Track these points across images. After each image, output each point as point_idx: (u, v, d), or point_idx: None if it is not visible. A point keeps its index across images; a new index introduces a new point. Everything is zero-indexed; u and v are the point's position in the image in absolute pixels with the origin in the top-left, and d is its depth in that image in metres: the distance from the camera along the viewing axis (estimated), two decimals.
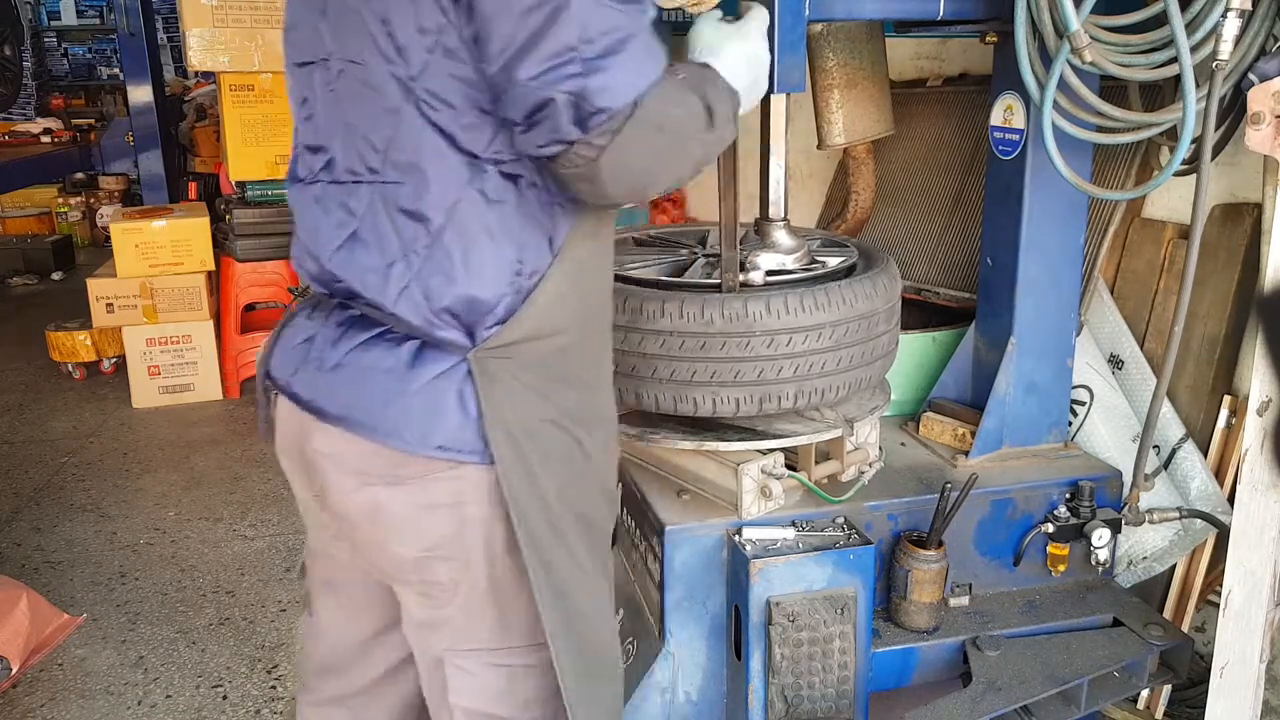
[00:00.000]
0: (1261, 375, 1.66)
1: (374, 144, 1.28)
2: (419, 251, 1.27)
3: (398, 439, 1.29)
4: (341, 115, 1.31)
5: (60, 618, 2.96)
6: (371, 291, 1.30)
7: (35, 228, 8.36)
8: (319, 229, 1.35)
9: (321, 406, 1.34)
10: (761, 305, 1.79)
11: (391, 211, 1.28)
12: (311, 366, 1.36)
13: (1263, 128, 1.62)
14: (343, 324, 1.35)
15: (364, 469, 1.33)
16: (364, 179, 1.30)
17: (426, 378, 1.29)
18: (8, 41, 7.09)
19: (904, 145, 2.99)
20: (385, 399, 1.30)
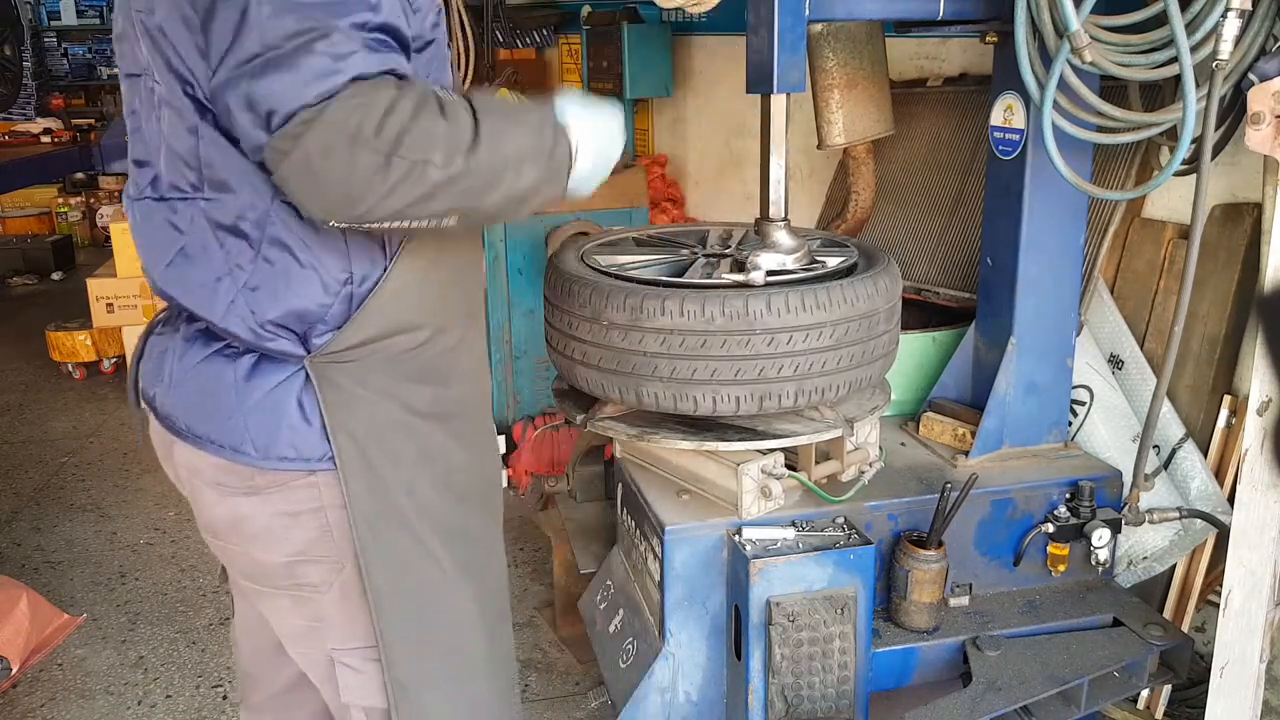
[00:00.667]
0: (1261, 375, 1.66)
1: (187, 160, 1.27)
2: (243, 266, 1.27)
3: (242, 454, 1.31)
4: (160, 131, 1.29)
5: (60, 618, 2.96)
6: (201, 308, 1.30)
7: (35, 228, 8.35)
8: (150, 245, 1.34)
9: (174, 423, 1.35)
10: (762, 303, 1.79)
11: (213, 227, 1.27)
12: (165, 382, 1.37)
13: (1263, 128, 1.62)
14: (189, 339, 1.35)
15: (222, 481, 1.34)
16: (187, 195, 1.29)
17: (265, 389, 1.30)
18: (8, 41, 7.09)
19: (904, 145, 2.99)
20: (227, 413, 1.31)
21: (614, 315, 1.85)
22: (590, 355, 1.93)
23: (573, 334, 1.95)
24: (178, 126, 1.26)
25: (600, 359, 1.91)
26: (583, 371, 1.96)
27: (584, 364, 1.95)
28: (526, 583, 3.20)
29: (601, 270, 2.03)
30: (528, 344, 3.85)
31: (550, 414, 3.81)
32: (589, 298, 1.89)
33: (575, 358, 1.96)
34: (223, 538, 1.41)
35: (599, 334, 1.89)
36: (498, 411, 3.93)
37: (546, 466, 3.67)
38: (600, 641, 2.27)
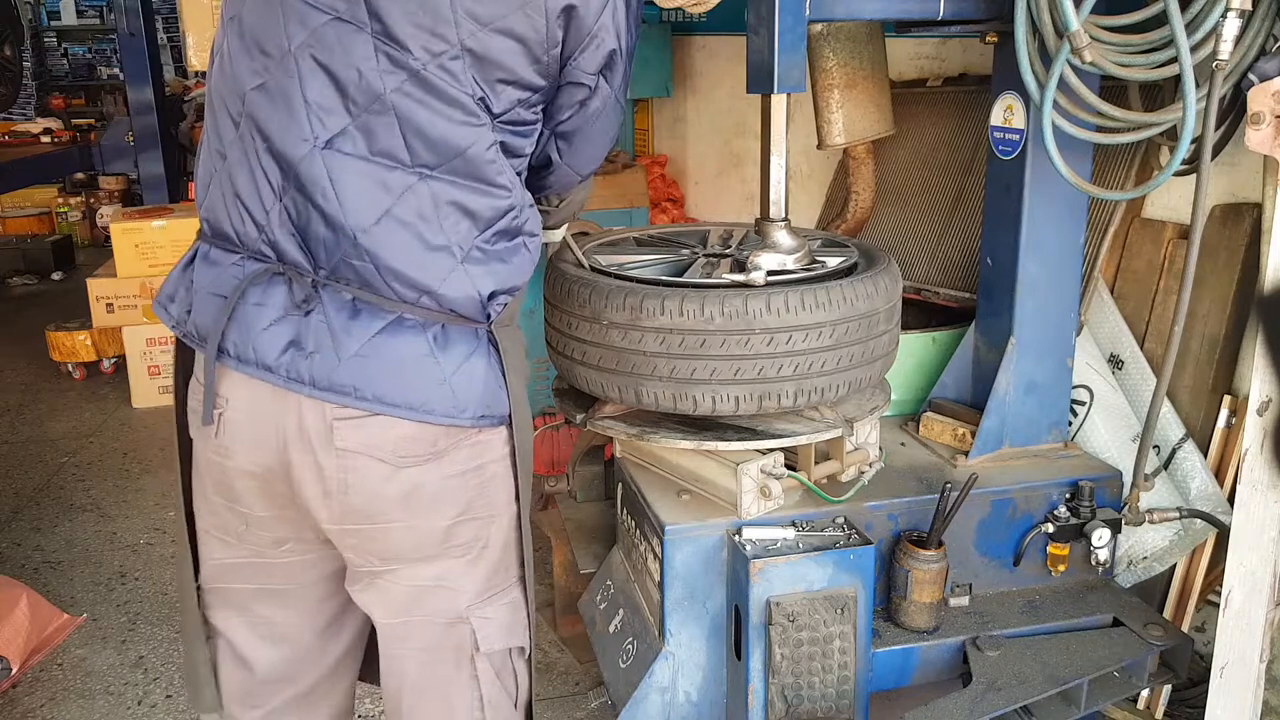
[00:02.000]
0: (1261, 375, 1.66)
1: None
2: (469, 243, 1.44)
3: (445, 416, 1.40)
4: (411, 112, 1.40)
5: (60, 618, 2.96)
6: (416, 271, 1.38)
7: (35, 228, 8.35)
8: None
9: (359, 394, 1.36)
10: (762, 303, 1.79)
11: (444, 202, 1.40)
12: (318, 355, 1.36)
13: (1263, 128, 1.62)
14: (344, 309, 1.37)
15: (405, 452, 1.40)
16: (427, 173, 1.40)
17: (464, 355, 1.41)
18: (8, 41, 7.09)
19: (904, 145, 2.99)
20: (436, 379, 1.39)
21: (613, 315, 1.85)
22: (590, 355, 1.93)
23: (572, 334, 1.95)
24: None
25: (600, 359, 1.91)
26: (582, 371, 1.97)
27: (584, 364, 1.95)
28: None
29: (601, 270, 2.03)
30: (528, 344, 3.84)
31: (550, 414, 3.80)
32: (588, 298, 1.89)
33: (575, 358, 1.97)
34: (380, 518, 1.43)
35: (599, 334, 1.89)
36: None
37: (546, 466, 3.67)
38: (600, 641, 2.27)
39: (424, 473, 1.42)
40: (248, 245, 1.42)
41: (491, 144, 1.40)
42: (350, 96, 1.35)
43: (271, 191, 1.38)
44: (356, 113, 1.36)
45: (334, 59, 1.35)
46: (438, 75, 1.35)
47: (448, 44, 1.35)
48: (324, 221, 1.37)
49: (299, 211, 1.38)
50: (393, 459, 1.40)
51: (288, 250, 1.39)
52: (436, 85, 1.35)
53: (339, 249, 1.37)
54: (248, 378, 1.38)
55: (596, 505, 2.62)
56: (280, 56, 1.37)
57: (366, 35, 1.34)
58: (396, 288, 1.38)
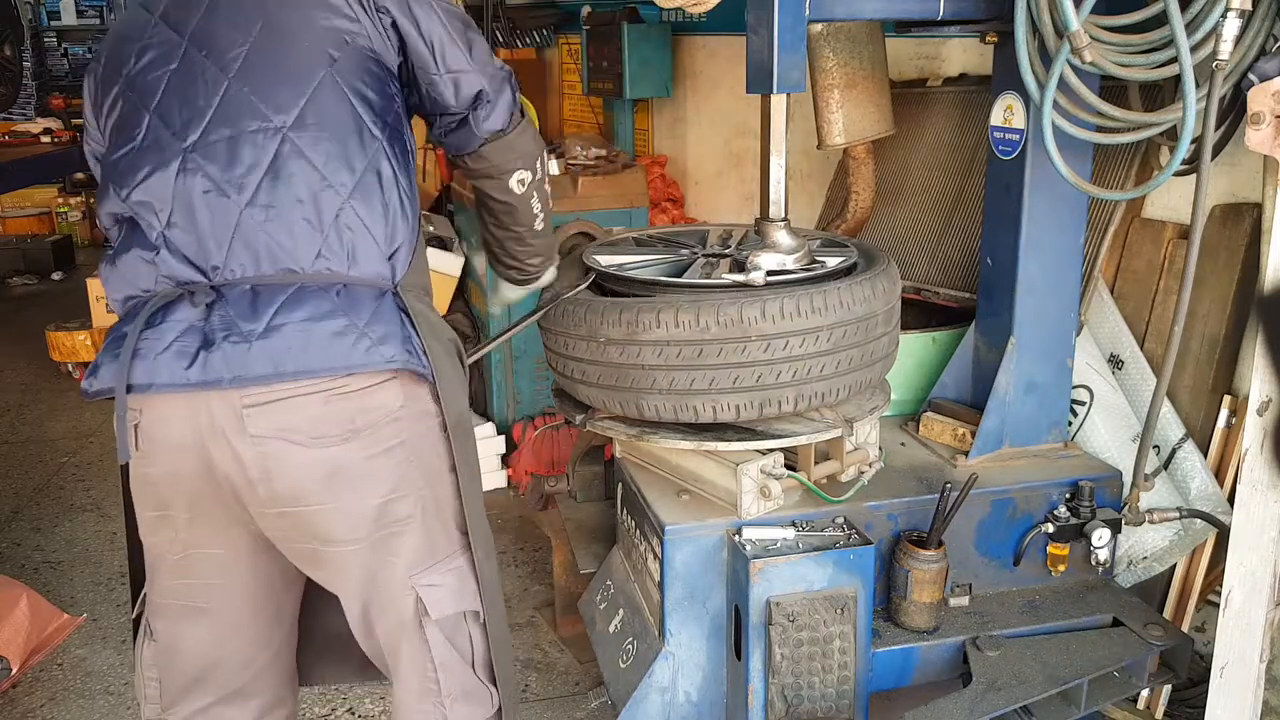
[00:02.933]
0: (1261, 375, 1.66)
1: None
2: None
3: (365, 367, 1.44)
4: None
5: (60, 618, 2.96)
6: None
7: (35, 228, 8.35)
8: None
9: (259, 374, 1.41)
10: (757, 310, 1.79)
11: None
12: (220, 347, 1.41)
13: (1263, 128, 1.62)
14: (243, 297, 1.44)
15: (318, 433, 1.44)
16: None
17: (368, 311, 1.46)
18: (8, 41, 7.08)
19: (904, 145, 2.99)
20: (339, 340, 1.43)
21: (610, 331, 1.85)
22: (590, 373, 1.93)
23: (570, 354, 1.96)
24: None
25: (599, 376, 1.92)
26: (584, 390, 1.98)
27: (584, 382, 1.96)
28: (526, 583, 3.20)
29: (593, 285, 2.03)
30: (527, 344, 3.85)
31: (550, 414, 3.81)
32: (583, 317, 1.89)
33: (575, 377, 1.97)
34: (306, 500, 1.47)
35: (596, 352, 1.90)
36: (498, 412, 3.93)
37: (546, 466, 3.67)
38: (600, 641, 2.27)
39: (344, 452, 1.45)
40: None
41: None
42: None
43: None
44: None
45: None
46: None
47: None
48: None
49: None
50: (307, 440, 1.43)
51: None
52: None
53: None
54: (160, 395, 1.44)
55: (596, 505, 2.62)
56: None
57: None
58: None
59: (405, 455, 1.52)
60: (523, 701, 2.63)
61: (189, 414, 1.44)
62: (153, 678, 1.67)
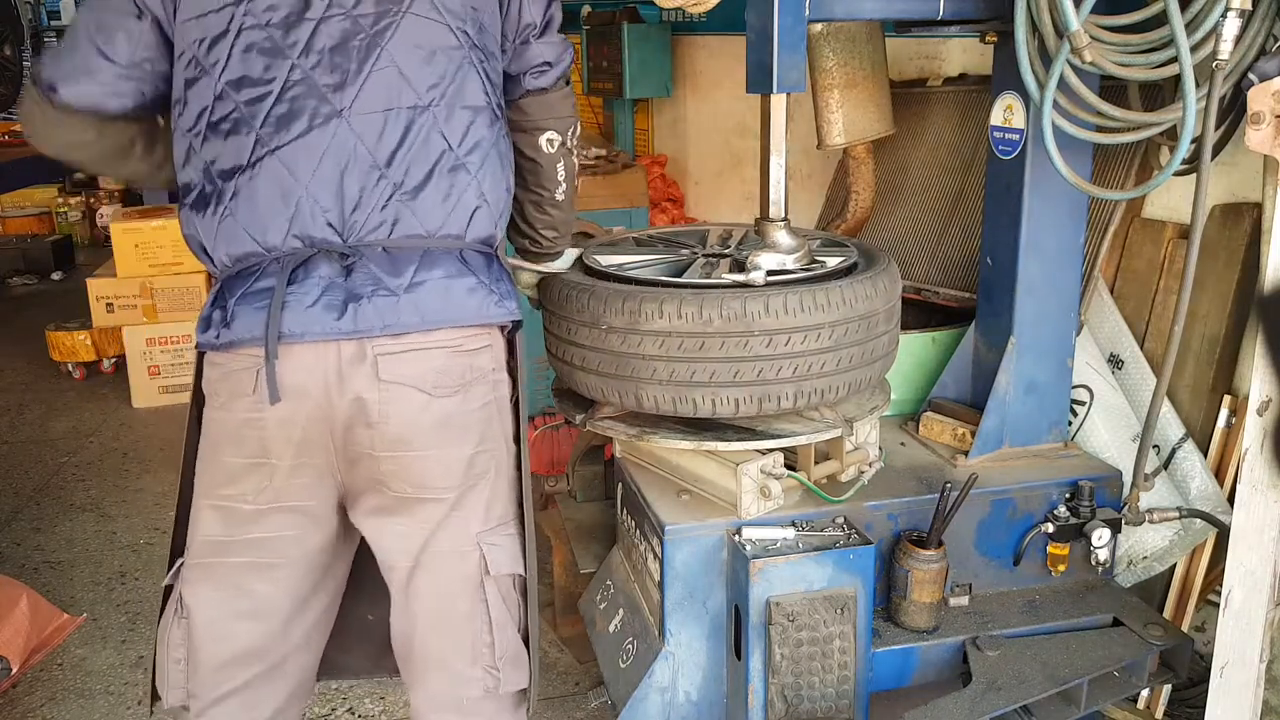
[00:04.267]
0: (1261, 375, 1.66)
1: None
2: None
3: (492, 317, 1.61)
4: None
5: (60, 618, 2.96)
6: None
7: (35, 228, 8.34)
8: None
9: (413, 321, 1.54)
10: (760, 305, 1.79)
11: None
12: (372, 300, 1.52)
13: (1263, 128, 1.62)
14: (382, 258, 1.55)
15: (439, 383, 1.57)
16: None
17: (485, 271, 1.61)
18: (8, 41, 7.09)
19: (904, 145, 2.99)
20: (468, 294, 1.58)
21: (612, 319, 1.85)
22: (590, 360, 1.93)
23: (572, 339, 1.95)
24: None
25: (600, 363, 1.91)
26: (582, 377, 1.97)
27: (583, 369, 1.95)
28: None
29: (598, 273, 2.04)
30: (528, 344, 3.84)
31: (550, 414, 3.81)
32: (587, 303, 1.89)
33: (575, 363, 1.97)
34: (416, 445, 1.57)
35: (598, 339, 1.89)
36: None
37: (546, 466, 3.67)
38: (600, 641, 2.27)
39: (454, 403, 1.58)
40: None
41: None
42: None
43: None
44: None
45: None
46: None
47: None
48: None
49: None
50: (431, 388, 1.56)
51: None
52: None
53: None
54: (294, 344, 1.52)
55: (596, 505, 2.62)
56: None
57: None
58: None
59: (491, 414, 1.64)
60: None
61: (317, 361, 1.52)
62: (179, 658, 1.65)
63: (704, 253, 2.15)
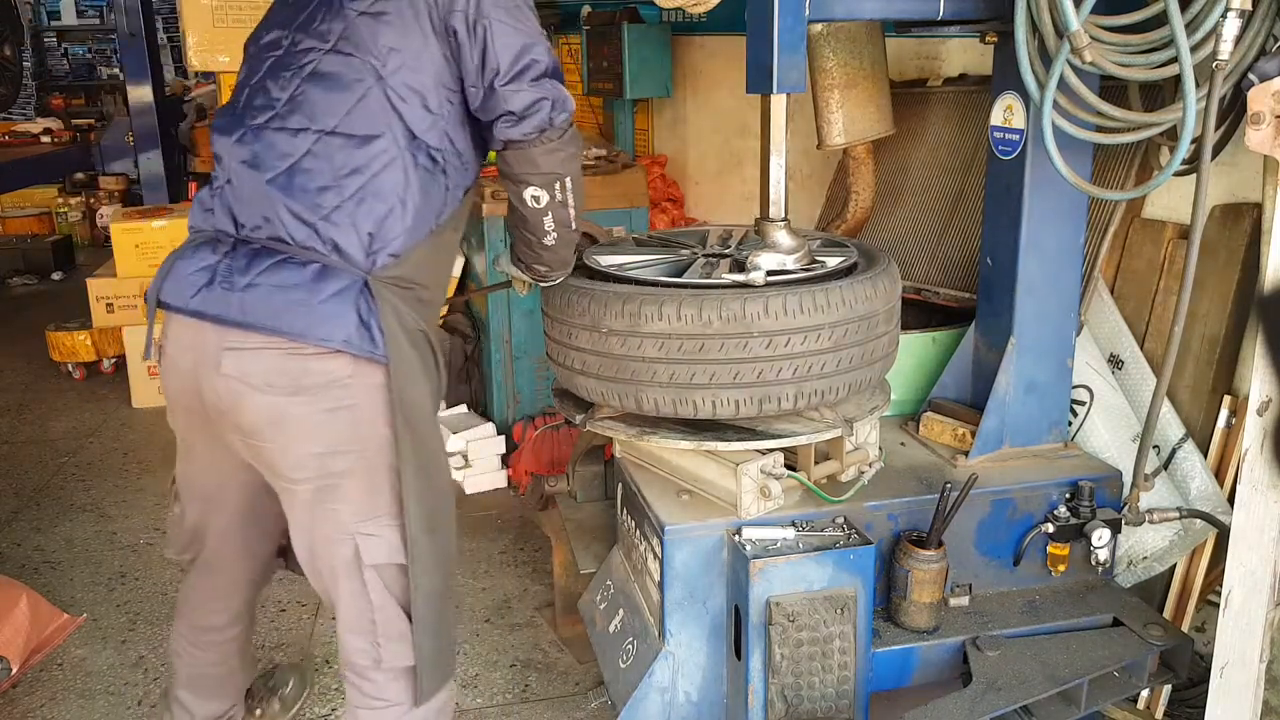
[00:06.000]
0: (1261, 375, 1.66)
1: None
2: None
3: (308, 338, 1.66)
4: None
5: (60, 618, 2.96)
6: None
7: (35, 228, 8.34)
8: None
9: (235, 319, 1.67)
10: (759, 306, 1.79)
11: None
12: (215, 288, 1.70)
13: (1263, 128, 1.62)
14: (246, 254, 1.71)
15: (271, 381, 1.68)
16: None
17: (329, 292, 1.67)
18: (8, 41, 7.09)
19: (904, 145, 2.99)
20: (292, 306, 1.66)
21: (612, 322, 1.85)
22: (590, 364, 1.93)
23: (572, 344, 1.96)
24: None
25: (600, 367, 1.91)
26: (583, 381, 1.97)
27: (584, 373, 1.96)
28: (526, 583, 3.20)
29: (597, 274, 2.04)
30: (528, 344, 3.85)
31: (550, 414, 3.81)
32: (587, 306, 1.89)
33: (575, 367, 1.97)
34: (258, 436, 1.73)
35: (598, 342, 1.89)
36: (498, 412, 3.93)
37: (546, 466, 3.67)
38: (600, 641, 2.27)
39: (291, 403, 1.69)
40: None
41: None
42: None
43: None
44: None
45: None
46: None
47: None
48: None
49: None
50: (262, 386, 1.68)
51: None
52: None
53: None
54: (174, 320, 1.77)
55: (596, 505, 2.62)
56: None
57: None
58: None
59: (351, 418, 1.72)
60: (523, 701, 2.63)
61: (191, 344, 1.74)
62: (175, 522, 2.08)
63: (704, 253, 2.15)
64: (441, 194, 1.77)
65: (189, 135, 7.72)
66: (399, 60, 1.70)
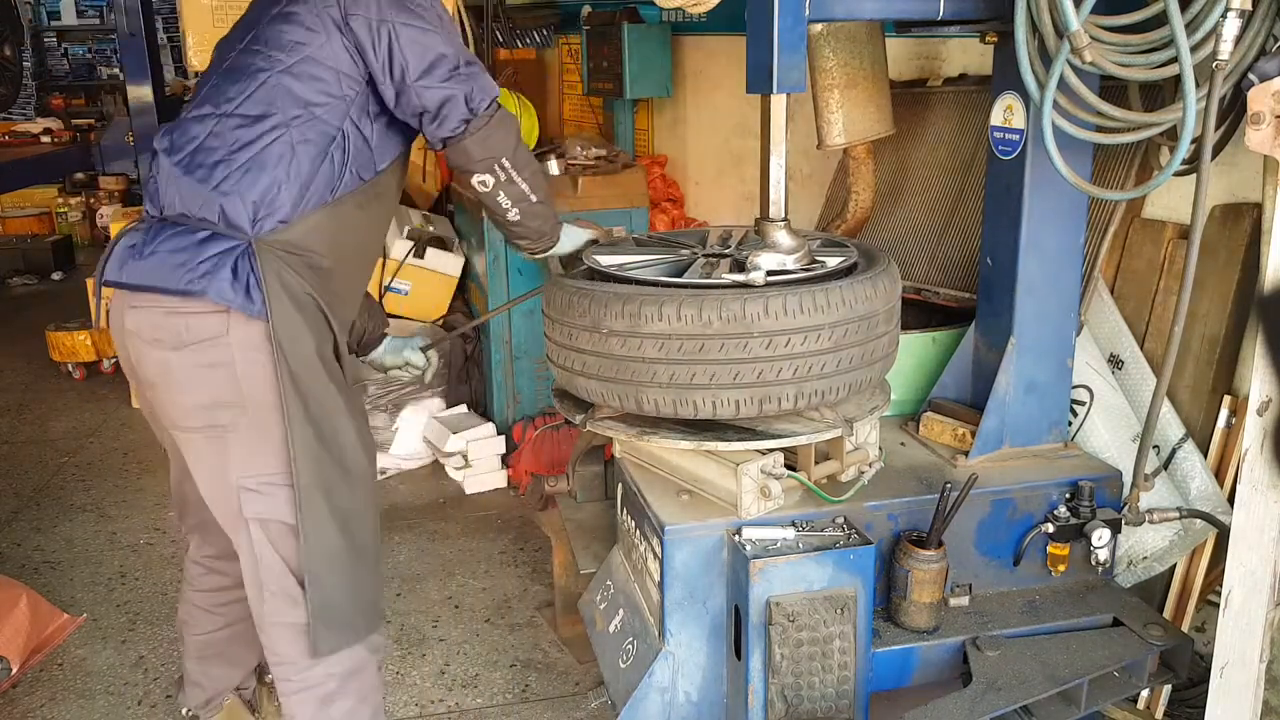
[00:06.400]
0: (1261, 375, 1.66)
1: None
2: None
3: (188, 294, 1.80)
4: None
5: (60, 618, 2.96)
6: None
7: (35, 228, 8.34)
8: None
9: (135, 283, 1.86)
10: (759, 306, 1.79)
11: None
12: (128, 258, 1.88)
13: (1263, 128, 1.62)
14: (156, 229, 1.88)
15: (157, 336, 1.85)
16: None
17: (211, 253, 1.82)
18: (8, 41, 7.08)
19: (904, 145, 2.99)
20: (175, 268, 1.82)
21: (612, 323, 1.85)
22: (590, 365, 1.93)
23: (572, 345, 1.95)
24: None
25: (600, 368, 1.91)
26: (583, 382, 1.97)
27: (584, 374, 1.96)
28: (526, 583, 3.20)
29: (598, 275, 2.04)
30: (528, 344, 3.85)
31: (550, 414, 3.81)
32: (587, 307, 1.89)
33: (575, 369, 1.97)
34: (151, 388, 1.93)
35: (598, 343, 1.89)
36: (498, 412, 3.93)
37: (546, 466, 3.67)
38: (600, 641, 2.27)
39: (174, 356, 1.84)
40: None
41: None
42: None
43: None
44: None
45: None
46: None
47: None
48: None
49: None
50: (151, 340, 1.86)
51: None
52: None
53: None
54: (110, 288, 1.95)
55: (596, 505, 2.62)
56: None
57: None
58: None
59: (230, 374, 1.84)
60: (523, 701, 2.63)
61: (115, 309, 1.95)
62: (172, 493, 2.27)
63: (704, 253, 2.15)
64: (335, 170, 1.89)
65: None
66: (302, 52, 1.87)
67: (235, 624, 2.30)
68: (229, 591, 2.26)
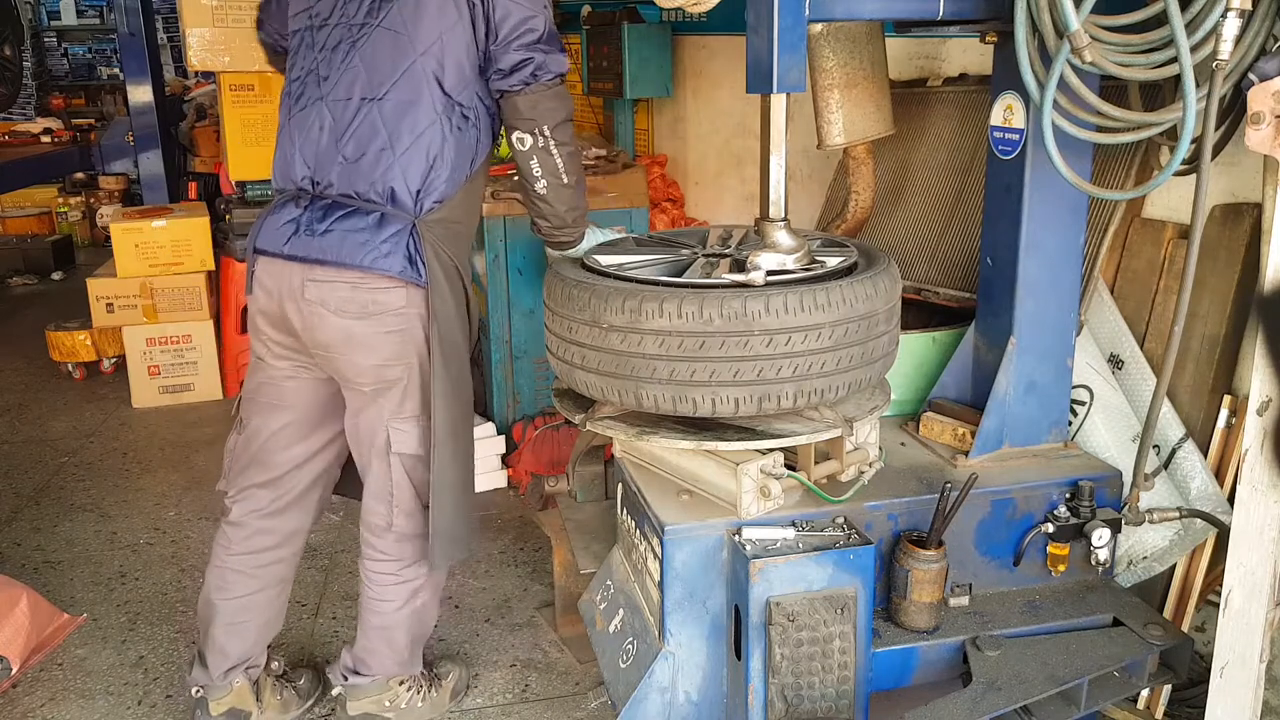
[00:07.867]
0: (1261, 375, 1.66)
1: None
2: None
3: (372, 270, 2.06)
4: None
5: (60, 618, 2.96)
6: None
7: (35, 228, 8.34)
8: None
9: (315, 258, 2.08)
10: (760, 304, 1.79)
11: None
12: (300, 236, 2.11)
13: (1263, 128, 1.62)
14: (323, 207, 2.12)
15: (342, 309, 2.09)
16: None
17: (387, 234, 2.07)
18: (8, 41, 7.08)
19: (904, 145, 2.99)
20: (358, 246, 2.06)
21: (613, 318, 1.85)
22: (590, 359, 1.93)
23: (572, 338, 1.95)
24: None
25: (600, 362, 1.91)
26: (582, 376, 1.97)
27: (583, 368, 1.95)
28: (526, 583, 3.20)
29: (599, 271, 2.04)
30: (528, 344, 3.85)
31: (550, 414, 3.81)
32: (588, 301, 1.89)
33: (575, 363, 1.97)
34: (331, 349, 2.14)
35: (598, 337, 1.89)
36: (498, 412, 3.93)
37: (546, 466, 3.67)
38: (600, 641, 2.27)
39: (358, 325, 2.10)
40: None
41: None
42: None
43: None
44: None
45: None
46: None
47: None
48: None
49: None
50: (336, 311, 2.09)
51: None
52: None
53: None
54: (267, 257, 2.17)
55: (596, 505, 2.62)
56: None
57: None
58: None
59: (402, 339, 2.13)
60: (523, 701, 2.63)
61: (280, 275, 2.14)
62: (229, 454, 2.39)
63: (704, 252, 2.15)
64: (473, 146, 2.14)
65: (189, 135, 7.70)
66: (434, 35, 2.05)
67: (269, 588, 2.42)
68: (271, 552, 2.39)
